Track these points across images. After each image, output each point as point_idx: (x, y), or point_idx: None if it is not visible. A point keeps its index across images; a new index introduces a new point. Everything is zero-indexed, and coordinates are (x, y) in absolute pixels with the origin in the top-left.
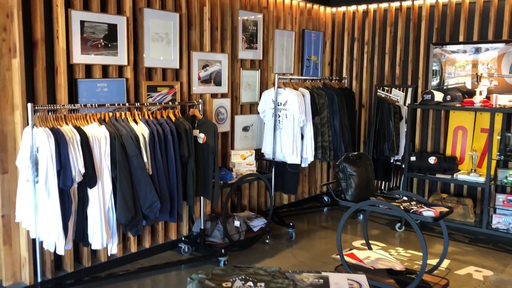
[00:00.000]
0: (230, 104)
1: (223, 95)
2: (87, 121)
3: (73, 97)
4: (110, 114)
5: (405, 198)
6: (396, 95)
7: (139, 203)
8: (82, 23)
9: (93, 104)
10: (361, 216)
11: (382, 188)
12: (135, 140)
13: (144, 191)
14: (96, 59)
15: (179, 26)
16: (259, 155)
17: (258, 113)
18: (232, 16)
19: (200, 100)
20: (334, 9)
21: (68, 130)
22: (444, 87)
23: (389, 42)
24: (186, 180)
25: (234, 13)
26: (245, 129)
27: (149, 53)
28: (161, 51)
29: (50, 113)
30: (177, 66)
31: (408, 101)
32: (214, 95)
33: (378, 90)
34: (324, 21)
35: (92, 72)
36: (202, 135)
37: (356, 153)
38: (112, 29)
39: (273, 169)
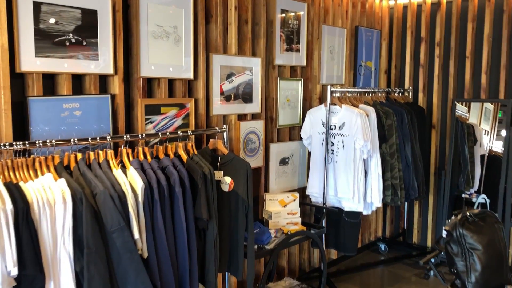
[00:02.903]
0: (264, 128)
1: (254, 116)
2: (36, 170)
3: (24, 127)
4: (79, 155)
5: None
6: (461, 111)
7: None
8: (37, 6)
9: (49, 141)
10: (432, 273)
11: None
12: (119, 201)
13: None
14: (61, 64)
15: (193, 17)
16: (302, 197)
17: (301, 139)
18: (267, 5)
19: (224, 126)
20: (392, 1)
21: None
22: None
23: (471, 43)
24: (204, 256)
25: (269, 2)
26: (284, 161)
27: (148, 56)
28: (166, 54)
29: None
30: (191, 76)
31: (473, 117)
32: (242, 117)
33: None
34: (380, 15)
35: (56, 86)
36: (228, 180)
37: (477, 210)
38: (88, 18)
39: (325, 220)
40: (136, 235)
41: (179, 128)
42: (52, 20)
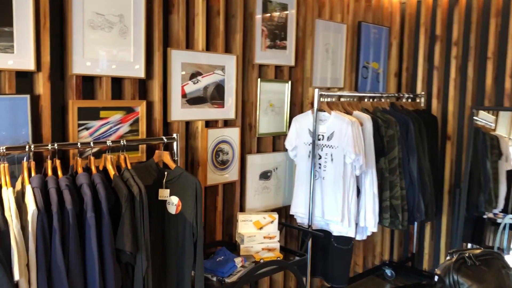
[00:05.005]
0: (240, 137)
1: (227, 123)
2: None
3: None
4: None
5: None
6: (486, 120)
7: None
8: None
9: None
10: None
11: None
12: None
13: None
14: None
15: (147, 4)
16: (287, 217)
17: (286, 150)
18: None
19: (174, 135)
20: None
21: None
22: None
23: (493, 42)
24: None
25: None
26: (265, 176)
27: (83, 50)
28: (109, 48)
29: None
30: (142, 74)
31: (502, 127)
32: (212, 123)
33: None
34: (390, 11)
35: None
36: (175, 200)
37: (478, 250)
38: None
39: (309, 246)
40: (17, 276)
41: (125, 135)
42: None
